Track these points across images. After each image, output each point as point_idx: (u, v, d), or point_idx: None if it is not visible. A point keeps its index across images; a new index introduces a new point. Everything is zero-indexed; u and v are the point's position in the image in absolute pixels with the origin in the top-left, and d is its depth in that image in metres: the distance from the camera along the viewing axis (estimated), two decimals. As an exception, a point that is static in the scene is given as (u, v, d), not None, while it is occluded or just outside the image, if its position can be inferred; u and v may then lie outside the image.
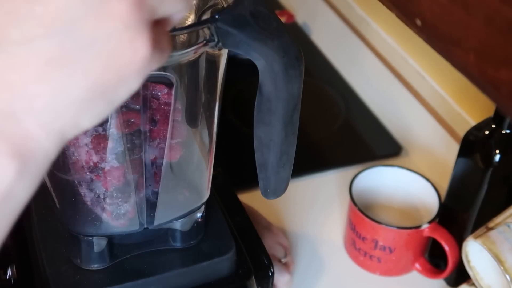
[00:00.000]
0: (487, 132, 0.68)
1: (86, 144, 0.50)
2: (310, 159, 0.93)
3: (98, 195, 0.54)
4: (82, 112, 0.30)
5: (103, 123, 0.49)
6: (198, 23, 0.49)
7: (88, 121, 0.31)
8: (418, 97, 0.95)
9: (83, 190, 0.54)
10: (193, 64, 0.49)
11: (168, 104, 0.50)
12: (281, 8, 1.26)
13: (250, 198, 0.77)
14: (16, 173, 0.29)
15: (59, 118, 0.29)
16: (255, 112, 0.50)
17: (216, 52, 0.49)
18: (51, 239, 0.60)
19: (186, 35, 0.47)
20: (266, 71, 0.46)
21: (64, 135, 0.30)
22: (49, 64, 0.28)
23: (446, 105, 0.89)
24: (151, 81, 0.48)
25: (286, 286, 0.71)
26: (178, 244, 0.59)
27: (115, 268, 0.58)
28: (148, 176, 0.53)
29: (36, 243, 0.61)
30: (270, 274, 0.63)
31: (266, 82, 0.47)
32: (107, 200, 0.54)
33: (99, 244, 0.57)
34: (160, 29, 0.31)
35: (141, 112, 0.49)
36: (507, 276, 0.61)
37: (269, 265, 0.63)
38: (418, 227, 0.73)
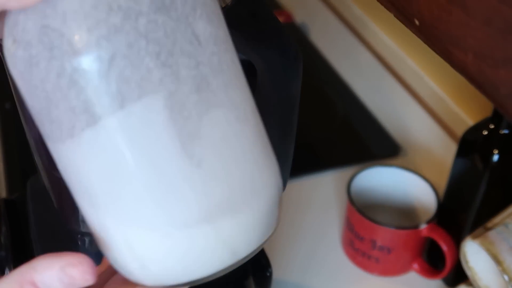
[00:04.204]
0: (485, 132, 0.68)
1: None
2: (309, 159, 0.93)
3: (96, 195, 0.54)
4: None
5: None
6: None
7: None
8: (416, 97, 0.95)
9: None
10: (191, 64, 0.49)
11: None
12: (279, 8, 1.26)
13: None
14: None
15: None
16: (253, 112, 0.49)
17: (214, 52, 0.49)
18: (49, 239, 0.60)
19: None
20: (264, 71, 0.46)
21: None
22: None
23: (444, 105, 0.89)
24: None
25: None
26: (176, 245, 0.59)
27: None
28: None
29: (34, 243, 0.61)
30: (268, 275, 0.63)
31: (265, 82, 0.47)
32: (105, 200, 0.54)
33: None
34: None
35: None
36: (505, 276, 0.61)
37: (267, 266, 0.63)
38: (416, 227, 0.73)
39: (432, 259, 0.77)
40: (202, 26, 0.33)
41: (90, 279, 0.34)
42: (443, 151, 0.88)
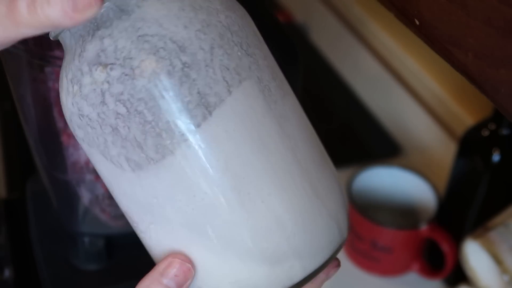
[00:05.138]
0: (486, 133, 0.68)
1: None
2: (309, 159, 0.93)
3: (97, 196, 0.54)
4: None
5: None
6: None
7: None
8: (417, 97, 0.95)
9: (82, 191, 0.54)
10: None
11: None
12: (279, 8, 1.26)
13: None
14: None
15: None
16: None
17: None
18: (49, 239, 0.60)
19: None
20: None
21: None
22: None
23: (445, 105, 0.89)
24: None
25: None
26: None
27: (113, 269, 0.58)
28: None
29: (33, 244, 0.61)
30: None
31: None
32: (106, 201, 0.54)
33: (97, 244, 0.57)
34: None
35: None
36: (505, 277, 0.61)
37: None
38: (417, 227, 0.73)
39: (432, 259, 0.77)
40: (256, 27, 0.37)
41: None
42: (443, 151, 0.88)
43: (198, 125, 0.33)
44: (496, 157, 0.67)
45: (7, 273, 0.62)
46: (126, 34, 0.33)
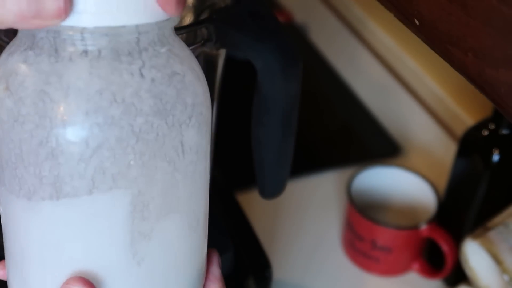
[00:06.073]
0: (486, 132, 0.68)
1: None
2: (308, 159, 0.93)
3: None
4: None
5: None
6: (196, 23, 0.49)
7: None
8: (416, 97, 0.95)
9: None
10: (191, 64, 0.49)
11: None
12: (279, 8, 1.25)
13: (248, 199, 0.77)
14: None
15: None
16: (253, 112, 0.50)
17: (214, 52, 0.49)
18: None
19: (184, 35, 0.47)
20: (264, 71, 0.46)
21: None
22: None
23: (444, 105, 0.89)
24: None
25: None
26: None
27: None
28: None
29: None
30: (268, 275, 0.63)
31: (264, 82, 0.46)
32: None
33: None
34: None
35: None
36: (505, 276, 0.61)
37: (267, 266, 0.63)
38: (417, 227, 0.73)
39: (432, 259, 0.77)
40: (191, 135, 0.33)
41: None
42: (443, 151, 0.88)
43: (42, 199, 0.32)
44: (496, 157, 0.67)
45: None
46: (38, 78, 0.30)
